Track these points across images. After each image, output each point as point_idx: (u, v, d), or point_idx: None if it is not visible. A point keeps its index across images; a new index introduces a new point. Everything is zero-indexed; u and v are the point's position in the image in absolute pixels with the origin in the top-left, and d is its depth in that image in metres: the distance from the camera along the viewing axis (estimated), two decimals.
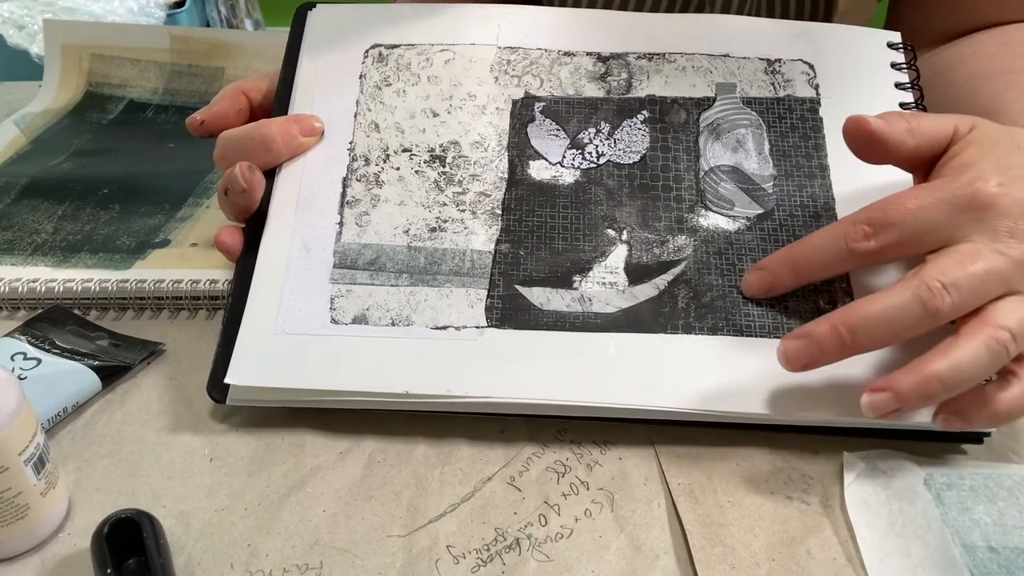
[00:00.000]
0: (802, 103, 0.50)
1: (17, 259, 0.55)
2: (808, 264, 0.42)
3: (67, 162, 0.67)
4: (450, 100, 0.51)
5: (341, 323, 0.44)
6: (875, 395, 0.37)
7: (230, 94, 0.54)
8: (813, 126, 0.50)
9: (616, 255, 0.46)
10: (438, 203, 0.47)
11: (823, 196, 0.47)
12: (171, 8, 1.76)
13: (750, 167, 0.48)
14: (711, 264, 0.45)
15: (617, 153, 0.49)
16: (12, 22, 1.54)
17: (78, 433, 0.44)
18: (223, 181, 0.48)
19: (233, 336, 0.44)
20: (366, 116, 0.50)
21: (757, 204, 0.47)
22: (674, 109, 0.50)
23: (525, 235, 0.46)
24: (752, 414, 0.41)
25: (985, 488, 0.39)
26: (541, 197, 0.48)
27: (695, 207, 0.47)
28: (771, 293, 0.44)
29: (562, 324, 0.44)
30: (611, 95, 0.51)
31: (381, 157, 0.49)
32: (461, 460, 0.42)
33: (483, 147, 0.49)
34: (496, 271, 0.45)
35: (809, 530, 0.38)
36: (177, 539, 0.38)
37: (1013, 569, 0.35)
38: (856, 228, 0.40)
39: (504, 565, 0.37)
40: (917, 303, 0.37)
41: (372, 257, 0.46)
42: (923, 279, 0.37)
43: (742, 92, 0.51)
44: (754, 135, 0.49)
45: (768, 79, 0.51)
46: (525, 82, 0.51)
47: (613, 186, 0.48)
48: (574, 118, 0.50)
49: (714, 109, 0.50)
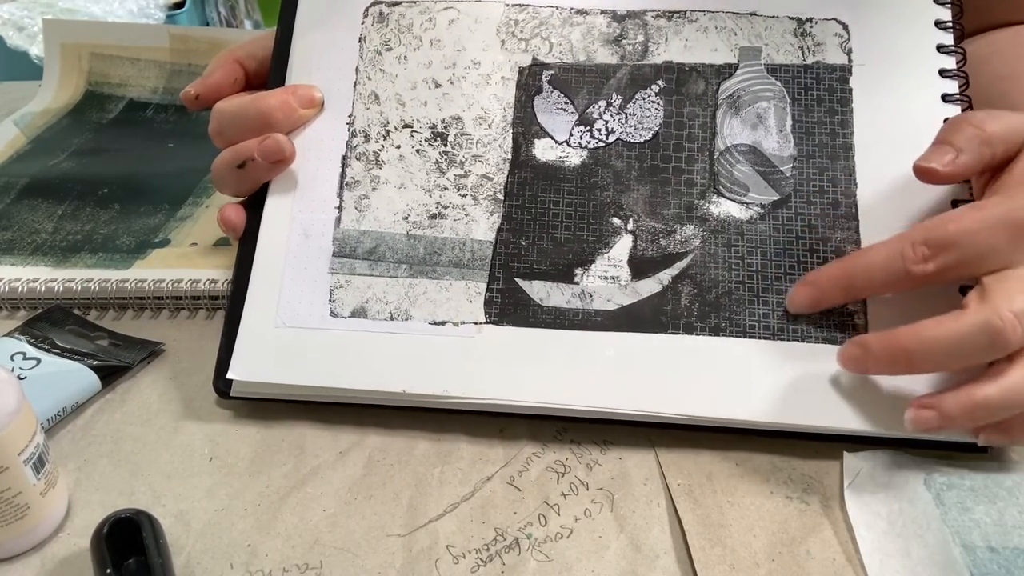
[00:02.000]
0: (831, 71, 0.46)
1: (17, 259, 0.55)
2: (863, 282, 0.40)
3: (67, 162, 0.67)
4: (453, 68, 0.48)
5: (340, 316, 0.44)
6: (920, 412, 0.36)
7: (224, 64, 0.52)
8: (841, 99, 0.46)
9: (620, 246, 0.45)
10: (439, 187, 0.46)
11: (844, 181, 0.44)
12: (171, 9, 1.76)
13: (769, 146, 0.45)
14: (719, 257, 0.44)
15: (628, 130, 0.46)
16: (12, 23, 1.54)
17: (78, 433, 0.44)
18: (231, 155, 0.46)
19: (235, 327, 0.44)
20: (366, 86, 0.48)
21: (773, 189, 0.45)
22: (692, 78, 0.47)
23: (527, 223, 0.45)
24: (750, 421, 0.41)
25: (985, 488, 0.39)
26: (545, 181, 0.46)
27: (707, 192, 0.45)
28: (817, 309, 0.42)
29: (561, 322, 0.43)
30: (625, 61, 0.47)
31: (381, 133, 0.47)
32: (461, 460, 0.42)
33: (487, 123, 0.47)
34: (496, 263, 0.45)
35: (809, 530, 0.38)
36: (177, 539, 0.38)
37: (1013, 569, 0.35)
38: (916, 249, 0.37)
39: (504, 565, 0.37)
40: (985, 334, 0.35)
41: (371, 246, 0.45)
42: (995, 308, 0.35)
43: (767, 58, 0.47)
44: (776, 109, 0.46)
45: (797, 42, 0.47)
46: (533, 46, 0.48)
47: (621, 168, 0.46)
48: (584, 88, 0.47)
49: (735, 78, 0.47)
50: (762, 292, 0.43)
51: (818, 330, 0.42)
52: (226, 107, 0.48)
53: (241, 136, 0.47)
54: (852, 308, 0.42)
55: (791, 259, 0.43)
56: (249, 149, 0.46)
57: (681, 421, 0.41)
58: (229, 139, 0.47)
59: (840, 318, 0.42)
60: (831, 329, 0.42)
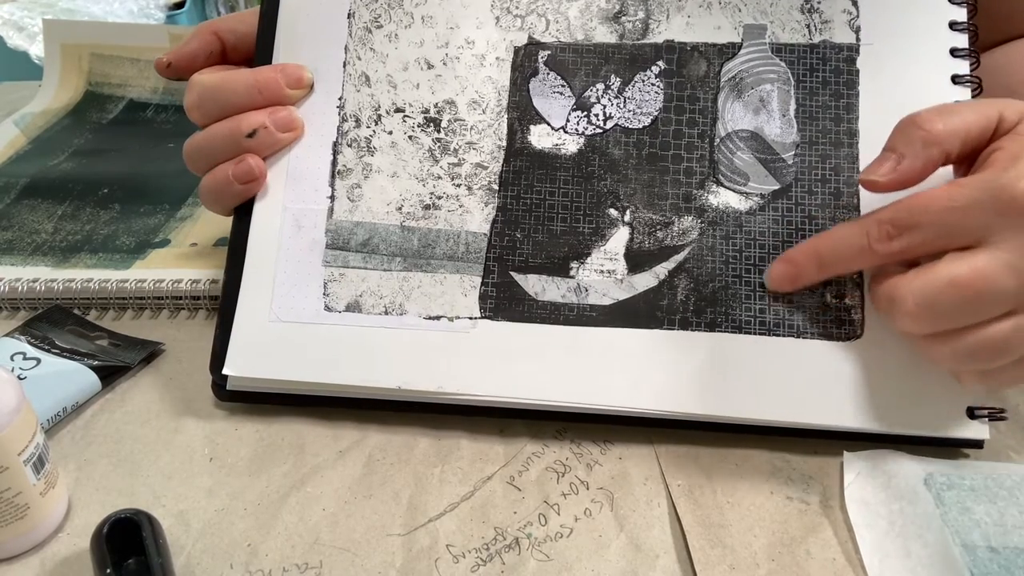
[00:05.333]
0: (838, 51, 0.45)
1: (17, 259, 0.55)
2: (831, 257, 0.40)
3: (67, 162, 0.67)
4: (446, 48, 0.46)
5: (334, 311, 0.44)
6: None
7: (201, 34, 0.49)
8: (847, 81, 0.44)
9: (617, 239, 0.44)
10: (432, 176, 0.45)
11: (847, 169, 0.43)
12: (171, 9, 1.76)
13: (771, 132, 0.44)
14: (717, 250, 0.43)
15: (626, 115, 0.45)
16: (12, 24, 1.54)
17: (78, 433, 0.44)
18: (220, 132, 0.45)
19: (230, 322, 0.44)
20: (356, 66, 0.46)
21: (774, 178, 0.44)
22: (694, 59, 0.45)
23: (522, 215, 0.45)
24: (747, 418, 0.41)
25: (985, 488, 0.39)
26: (541, 170, 0.45)
27: (706, 182, 0.44)
28: (796, 286, 0.42)
29: (556, 317, 0.43)
30: (624, 40, 0.46)
31: (372, 117, 0.46)
32: (461, 459, 0.42)
33: (481, 108, 0.46)
34: (491, 256, 0.44)
35: (809, 530, 0.38)
36: (177, 539, 0.38)
37: (1013, 569, 0.35)
38: (880, 227, 0.38)
39: (504, 564, 0.37)
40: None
41: (365, 238, 0.45)
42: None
43: (772, 36, 0.45)
44: (780, 92, 0.45)
45: (804, 19, 0.45)
46: (529, 23, 0.46)
47: (619, 156, 0.45)
48: (582, 70, 0.46)
49: (738, 59, 0.45)
50: (759, 287, 0.43)
51: (814, 326, 0.42)
52: (207, 79, 0.46)
53: (222, 111, 0.45)
54: (850, 303, 0.42)
55: None
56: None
57: (678, 418, 0.41)
58: (208, 113, 0.46)
59: (837, 313, 0.42)
60: (828, 325, 0.42)
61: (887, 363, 0.41)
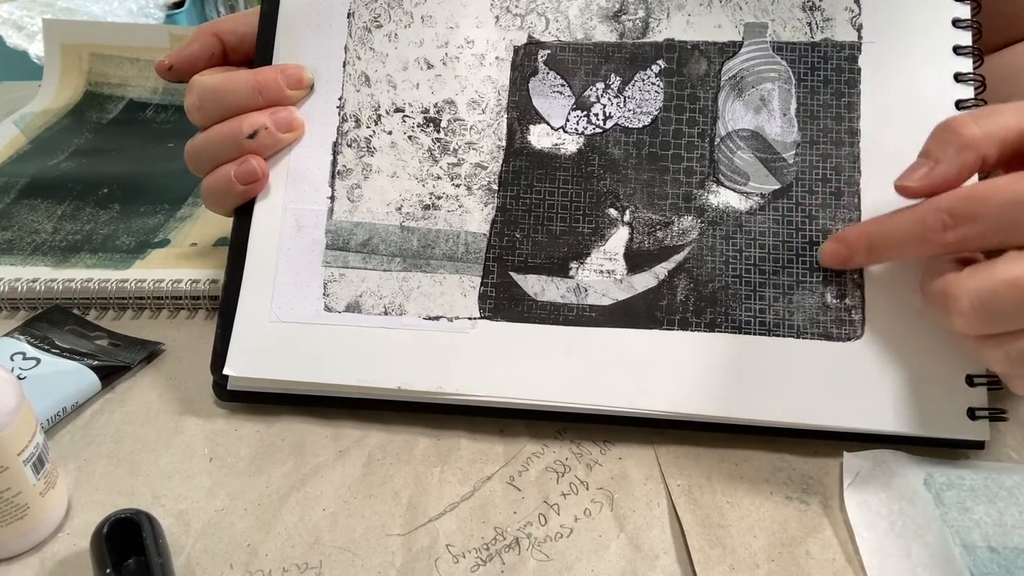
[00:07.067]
0: (840, 49, 0.44)
1: (17, 259, 0.55)
2: (882, 242, 0.39)
3: (67, 162, 0.67)
4: (446, 47, 0.46)
5: (334, 311, 0.44)
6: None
7: (202, 36, 0.49)
8: (849, 80, 0.44)
9: (616, 239, 0.44)
10: (432, 176, 0.45)
11: (848, 168, 0.43)
12: (171, 9, 1.76)
13: (772, 131, 0.44)
14: (716, 250, 0.43)
15: (626, 115, 0.45)
16: (11, 23, 1.54)
17: (77, 433, 0.44)
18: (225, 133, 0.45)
19: (230, 320, 0.44)
20: (355, 66, 0.47)
21: (774, 178, 0.44)
22: (694, 57, 0.45)
23: (522, 215, 0.45)
24: (747, 419, 0.41)
25: (985, 488, 0.39)
26: (540, 170, 0.45)
27: (706, 182, 0.44)
28: (847, 266, 0.41)
29: (556, 318, 0.43)
30: (624, 39, 0.46)
31: (372, 118, 0.46)
32: (461, 459, 0.42)
33: (480, 107, 0.46)
34: (490, 256, 0.44)
35: (809, 530, 0.38)
36: (176, 539, 0.38)
37: (1013, 569, 0.35)
38: (937, 216, 0.36)
39: (504, 564, 0.37)
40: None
41: (365, 238, 0.45)
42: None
43: (773, 35, 0.45)
44: (781, 91, 0.44)
45: (805, 17, 0.45)
46: (529, 23, 0.46)
47: (619, 156, 0.44)
48: (581, 69, 0.45)
49: (739, 58, 0.45)
50: (759, 287, 0.43)
51: (815, 326, 0.42)
52: (208, 80, 0.46)
53: (222, 113, 0.46)
54: (850, 303, 0.42)
55: (789, 252, 0.43)
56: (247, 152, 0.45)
57: (678, 418, 0.41)
58: (209, 115, 0.46)
59: (837, 313, 0.42)
60: (828, 325, 0.42)
61: (887, 363, 0.41)
